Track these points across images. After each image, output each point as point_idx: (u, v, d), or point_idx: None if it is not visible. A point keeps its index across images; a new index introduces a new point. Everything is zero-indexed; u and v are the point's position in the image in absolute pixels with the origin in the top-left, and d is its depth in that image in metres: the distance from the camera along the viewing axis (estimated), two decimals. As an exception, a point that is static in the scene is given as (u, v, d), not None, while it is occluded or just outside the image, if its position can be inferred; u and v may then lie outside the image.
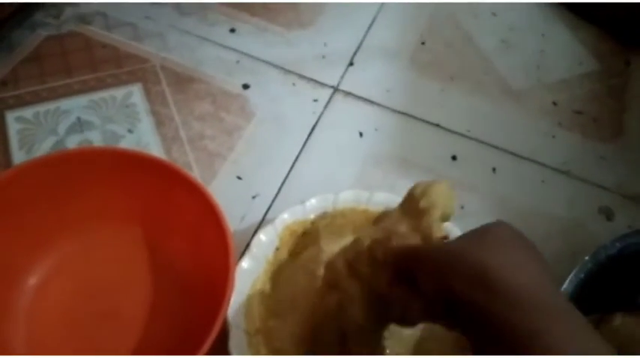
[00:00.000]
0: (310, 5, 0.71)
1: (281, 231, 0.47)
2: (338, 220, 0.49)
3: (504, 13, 0.76)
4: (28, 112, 0.58)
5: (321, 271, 0.48)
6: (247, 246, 0.50)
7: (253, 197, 0.55)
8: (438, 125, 0.63)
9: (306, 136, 0.60)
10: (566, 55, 0.72)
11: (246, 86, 0.63)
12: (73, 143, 0.57)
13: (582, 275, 0.38)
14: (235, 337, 0.41)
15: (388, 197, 0.49)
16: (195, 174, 0.56)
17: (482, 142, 0.62)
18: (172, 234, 0.48)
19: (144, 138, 0.57)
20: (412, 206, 0.36)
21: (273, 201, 0.55)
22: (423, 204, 0.35)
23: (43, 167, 0.46)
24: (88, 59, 0.62)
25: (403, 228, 0.35)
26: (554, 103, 0.66)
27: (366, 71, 0.66)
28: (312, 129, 0.61)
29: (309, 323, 0.45)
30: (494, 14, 0.75)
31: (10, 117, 0.58)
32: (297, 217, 0.47)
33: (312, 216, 0.48)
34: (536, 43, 0.73)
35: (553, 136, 0.63)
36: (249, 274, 0.44)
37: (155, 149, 0.57)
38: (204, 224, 0.45)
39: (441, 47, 0.70)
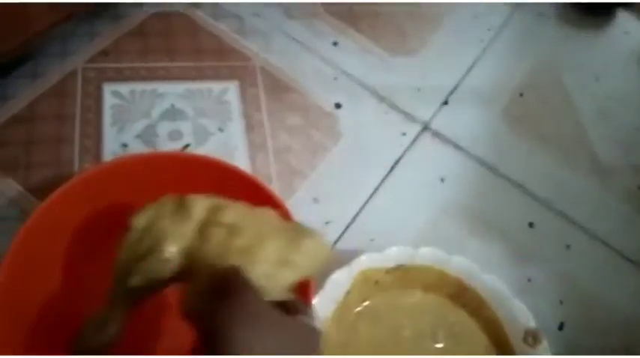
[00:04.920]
0: (417, 34, 0.70)
1: (355, 275, 0.47)
2: (411, 274, 0.49)
3: (607, 80, 0.73)
4: (124, 88, 0.59)
5: (383, 321, 0.48)
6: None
7: (327, 223, 0.55)
8: (521, 186, 0.62)
9: (388, 170, 0.60)
10: (662, 137, 0.69)
11: (338, 105, 0.63)
12: (163, 129, 0.57)
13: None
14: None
15: (466, 263, 0.49)
16: (275, 188, 0.56)
17: (561, 214, 0.61)
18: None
19: (232, 140, 0.58)
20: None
21: (344, 230, 0.55)
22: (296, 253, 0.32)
23: (140, 164, 0.46)
24: (191, 45, 0.62)
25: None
26: (640, 188, 0.65)
27: (458, 114, 0.65)
28: (396, 163, 0.60)
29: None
30: (597, 79, 0.73)
31: (107, 89, 0.58)
32: (374, 264, 0.47)
33: (388, 266, 0.48)
34: (632, 118, 0.70)
35: (634, 223, 0.62)
36: (318, 313, 0.44)
37: (241, 154, 0.57)
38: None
39: (538, 103, 0.69)
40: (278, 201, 0.46)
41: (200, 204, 0.35)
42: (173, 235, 0.34)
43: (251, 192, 0.46)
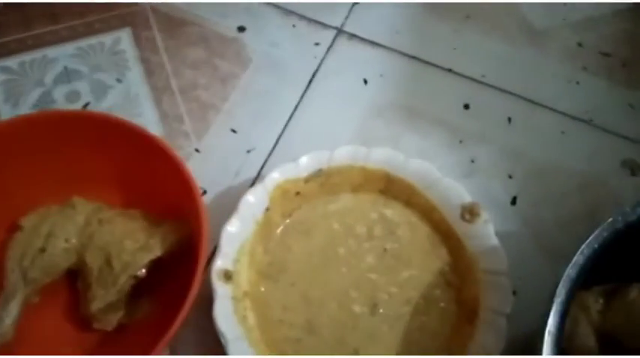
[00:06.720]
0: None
1: (272, 191, 0.44)
2: (334, 179, 0.46)
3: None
4: (13, 62, 0.56)
5: (315, 231, 0.46)
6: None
7: (248, 151, 0.52)
8: (450, 70, 0.58)
9: (306, 84, 0.56)
10: (598, -12, 0.65)
11: (241, 29, 0.59)
12: (60, 94, 0.54)
13: (596, 246, 0.34)
14: (220, 302, 0.39)
15: (388, 153, 0.45)
16: (188, 127, 0.53)
17: (497, 89, 0.57)
18: (148, 201, 0.46)
19: (133, 89, 0.54)
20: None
21: (269, 155, 0.52)
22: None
23: (27, 125, 0.44)
24: (75, 3, 0.58)
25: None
26: (580, 44, 0.60)
27: (372, 10, 0.61)
28: (313, 75, 0.57)
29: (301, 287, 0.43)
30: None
31: (-5, 67, 0.55)
32: (289, 175, 0.44)
33: (305, 174, 0.45)
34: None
35: (576, 82, 0.58)
36: (236, 237, 0.42)
37: (145, 100, 0.54)
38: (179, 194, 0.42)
39: (457, -18, 0.64)
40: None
41: (83, 205, 0.43)
42: (63, 230, 0.42)
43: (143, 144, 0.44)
